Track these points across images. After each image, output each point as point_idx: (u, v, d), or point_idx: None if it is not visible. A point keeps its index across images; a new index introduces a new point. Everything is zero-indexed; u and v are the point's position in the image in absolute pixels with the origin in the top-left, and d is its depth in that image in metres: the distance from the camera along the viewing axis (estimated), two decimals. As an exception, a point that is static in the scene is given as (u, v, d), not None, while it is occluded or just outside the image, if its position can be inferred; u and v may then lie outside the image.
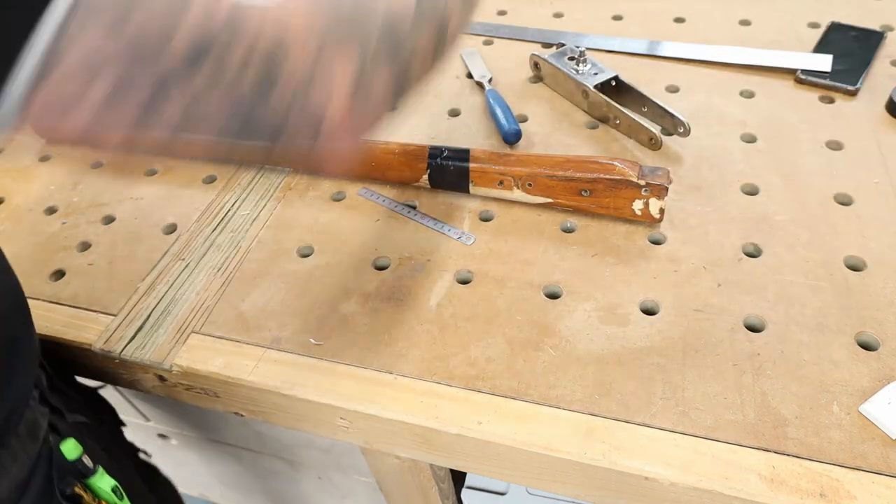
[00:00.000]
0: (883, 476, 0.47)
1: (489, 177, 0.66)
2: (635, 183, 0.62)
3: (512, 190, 0.66)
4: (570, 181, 0.63)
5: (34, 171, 0.83)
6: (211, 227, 0.72)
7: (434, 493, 0.76)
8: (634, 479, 0.49)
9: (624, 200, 0.63)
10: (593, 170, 0.63)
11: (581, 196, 0.64)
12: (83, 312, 0.65)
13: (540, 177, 0.64)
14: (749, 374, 0.53)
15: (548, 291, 0.61)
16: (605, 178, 0.62)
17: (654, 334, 0.57)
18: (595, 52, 0.89)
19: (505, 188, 0.66)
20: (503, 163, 0.66)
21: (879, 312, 0.56)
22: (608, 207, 0.64)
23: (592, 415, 0.52)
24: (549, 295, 0.61)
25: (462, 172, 0.67)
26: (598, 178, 0.63)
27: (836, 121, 0.75)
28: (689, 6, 0.95)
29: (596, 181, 0.63)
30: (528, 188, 0.65)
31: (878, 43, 0.83)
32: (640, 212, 0.63)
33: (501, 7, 1.00)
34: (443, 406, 0.54)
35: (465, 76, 0.88)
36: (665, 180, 0.61)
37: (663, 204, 0.63)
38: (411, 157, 0.69)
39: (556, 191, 0.65)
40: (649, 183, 0.61)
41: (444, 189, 0.70)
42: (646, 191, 0.62)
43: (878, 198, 0.66)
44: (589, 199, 0.64)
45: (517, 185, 0.66)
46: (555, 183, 0.64)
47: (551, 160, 0.65)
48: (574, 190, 0.64)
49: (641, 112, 0.76)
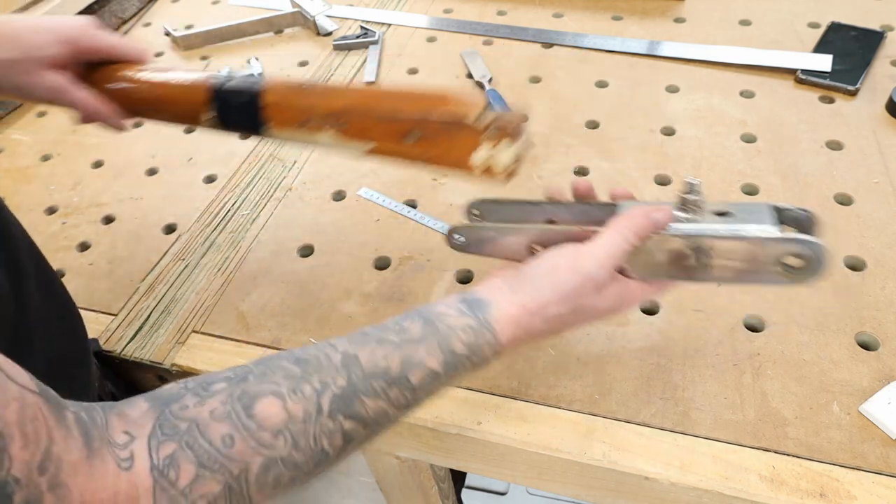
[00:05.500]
0: (883, 476, 0.47)
1: (290, 114, 0.52)
2: (473, 127, 0.46)
3: (321, 131, 0.51)
4: (392, 121, 0.48)
5: (34, 171, 0.83)
6: (211, 227, 0.72)
7: (434, 493, 0.76)
8: (634, 479, 0.49)
9: (461, 150, 0.47)
10: (422, 106, 0.48)
11: (407, 141, 0.49)
12: (83, 312, 0.65)
13: (354, 114, 0.49)
14: (749, 374, 0.53)
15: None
16: (436, 118, 0.47)
17: (654, 334, 0.57)
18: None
19: (312, 129, 0.51)
20: (308, 94, 0.51)
21: (879, 312, 0.56)
22: (442, 158, 0.49)
23: (592, 415, 0.52)
24: (549, 295, 0.61)
25: (252, 108, 0.52)
26: (427, 119, 0.47)
27: (836, 121, 0.75)
28: (689, 6, 0.95)
29: (425, 122, 0.47)
30: (342, 129, 0.50)
31: (878, 43, 0.83)
32: (481, 168, 0.48)
33: (501, 7, 1.00)
34: (443, 406, 0.54)
35: (465, 76, 0.88)
36: (514, 124, 0.47)
37: (509, 159, 0.47)
38: (188, 90, 0.54)
39: (376, 133, 0.49)
40: (492, 125, 0.46)
41: (234, 129, 0.56)
42: (488, 139, 0.46)
43: (878, 198, 0.66)
44: (416, 146, 0.49)
45: (327, 126, 0.51)
46: (373, 123, 0.49)
47: (368, 93, 0.51)
48: (399, 132, 0.48)
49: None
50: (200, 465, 0.33)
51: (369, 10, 1.04)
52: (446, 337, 0.41)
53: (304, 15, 1.01)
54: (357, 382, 0.38)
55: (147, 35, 1.07)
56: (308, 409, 0.36)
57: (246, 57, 0.98)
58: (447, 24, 0.99)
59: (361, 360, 0.38)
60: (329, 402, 0.37)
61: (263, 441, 0.35)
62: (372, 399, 0.38)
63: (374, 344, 0.39)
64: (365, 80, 0.89)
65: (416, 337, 0.40)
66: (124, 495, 0.31)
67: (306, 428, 0.36)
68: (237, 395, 0.35)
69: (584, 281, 0.42)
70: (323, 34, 1.00)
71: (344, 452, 0.38)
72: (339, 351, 0.39)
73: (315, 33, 1.01)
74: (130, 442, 0.32)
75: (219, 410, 0.34)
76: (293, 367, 0.37)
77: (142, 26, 1.09)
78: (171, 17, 1.10)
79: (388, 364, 0.39)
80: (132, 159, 0.83)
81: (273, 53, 0.98)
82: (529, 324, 0.43)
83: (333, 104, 0.50)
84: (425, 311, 0.42)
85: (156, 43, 1.04)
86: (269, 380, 0.36)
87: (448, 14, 1.01)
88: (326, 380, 0.37)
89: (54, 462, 0.29)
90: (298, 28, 1.03)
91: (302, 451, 0.36)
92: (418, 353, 0.40)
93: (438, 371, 0.40)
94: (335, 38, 0.98)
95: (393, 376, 0.39)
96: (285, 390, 0.36)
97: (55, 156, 0.85)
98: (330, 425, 0.37)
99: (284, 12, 1.02)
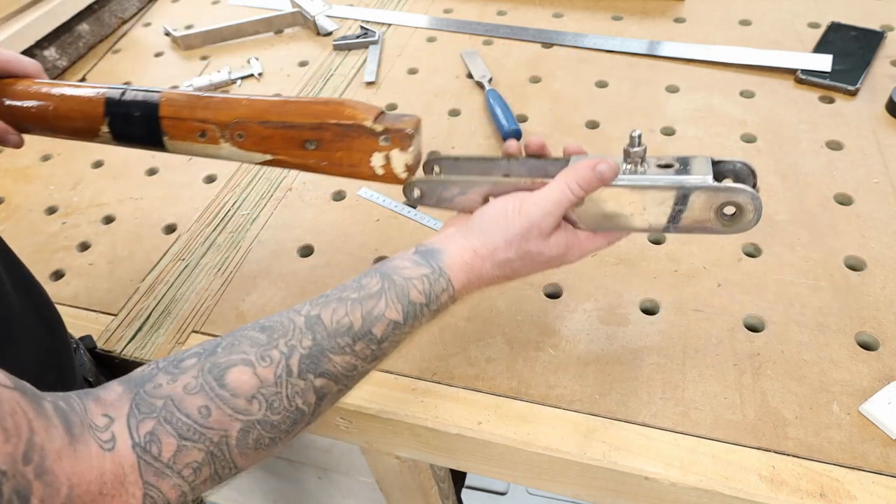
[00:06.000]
0: (883, 476, 0.47)
1: (186, 126, 0.52)
2: (370, 129, 0.48)
3: (219, 143, 0.52)
4: (290, 129, 0.50)
5: (34, 171, 0.83)
6: (211, 227, 0.72)
7: (434, 493, 0.76)
8: (634, 479, 0.49)
9: (360, 154, 0.49)
10: (317, 113, 0.49)
11: (306, 150, 0.50)
12: (83, 312, 0.65)
13: (251, 124, 0.50)
14: (749, 374, 0.53)
15: (548, 291, 0.61)
16: (332, 123, 0.49)
17: (653, 334, 0.57)
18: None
19: (209, 141, 0.52)
20: (205, 106, 0.51)
21: (879, 312, 0.56)
22: (342, 164, 0.50)
23: (592, 415, 0.52)
24: (549, 295, 0.61)
25: (150, 121, 0.52)
26: (323, 125, 0.49)
27: (835, 121, 0.75)
28: (689, 6, 0.95)
29: (322, 128, 0.49)
30: (239, 140, 0.51)
31: (878, 43, 0.83)
32: (382, 169, 0.50)
33: (501, 7, 1.00)
34: (443, 406, 0.54)
35: (465, 76, 0.88)
36: (410, 126, 0.48)
37: (408, 158, 0.49)
38: (83, 103, 0.54)
39: (274, 143, 0.51)
40: (388, 129, 0.48)
41: (132, 144, 0.55)
42: (385, 140, 0.48)
43: (878, 198, 0.66)
44: (316, 153, 0.50)
45: (224, 137, 0.51)
46: (271, 132, 0.50)
47: (265, 103, 0.51)
48: (296, 142, 0.50)
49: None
50: (181, 437, 0.34)
51: (369, 10, 1.04)
52: (403, 288, 0.43)
53: (304, 15, 1.01)
54: (322, 341, 0.40)
55: (147, 35, 1.07)
56: (278, 372, 0.38)
57: (246, 57, 0.98)
58: (447, 24, 0.99)
59: (324, 319, 0.40)
60: (298, 363, 0.38)
61: (239, 408, 0.36)
62: (339, 355, 0.40)
63: (336, 303, 0.41)
64: (365, 80, 0.89)
65: (375, 291, 0.42)
66: (110, 474, 0.32)
67: (279, 390, 0.38)
68: (208, 368, 0.37)
69: (529, 226, 0.45)
70: (323, 34, 1.00)
71: (319, 408, 0.40)
72: (301, 314, 0.41)
73: (315, 33, 1.01)
74: (110, 424, 0.33)
75: (192, 384, 0.36)
76: (259, 335, 0.39)
77: (142, 26, 1.09)
78: (171, 17, 1.10)
79: (351, 320, 0.41)
80: (132, 159, 0.83)
81: (273, 53, 0.98)
82: (481, 268, 0.45)
83: (229, 115, 0.51)
84: (382, 267, 0.44)
85: (156, 43, 1.04)
86: (237, 350, 0.38)
87: (448, 14, 1.01)
88: (293, 342, 0.39)
89: (38, 451, 0.29)
90: (298, 28, 1.03)
91: (277, 413, 0.38)
92: (378, 307, 0.41)
93: (399, 321, 0.42)
94: (335, 38, 0.98)
95: (356, 332, 0.41)
96: (254, 357, 0.38)
97: (55, 156, 0.85)
98: (301, 385, 0.39)
99: (284, 12, 1.02)
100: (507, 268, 0.46)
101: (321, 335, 0.40)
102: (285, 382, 0.38)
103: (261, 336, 0.39)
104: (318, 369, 0.39)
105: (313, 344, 0.39)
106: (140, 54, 1.02)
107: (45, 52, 0.97)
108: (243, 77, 0.94)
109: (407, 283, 0.43)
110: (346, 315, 0.41)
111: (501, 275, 0.46)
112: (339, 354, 0.40)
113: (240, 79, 0.94)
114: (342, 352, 0.40)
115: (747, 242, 0.63)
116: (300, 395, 0.39)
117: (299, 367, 0.38)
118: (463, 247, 0.45)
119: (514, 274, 0.47)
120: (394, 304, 0.42)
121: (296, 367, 0.38)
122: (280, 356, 0.38)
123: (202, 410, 0.35)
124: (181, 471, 0.34)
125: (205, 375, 0.36)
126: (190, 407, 0.35)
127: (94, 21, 1.04)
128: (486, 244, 0.45)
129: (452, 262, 0.45)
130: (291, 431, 0.39)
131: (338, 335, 0.40)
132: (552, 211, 0.45)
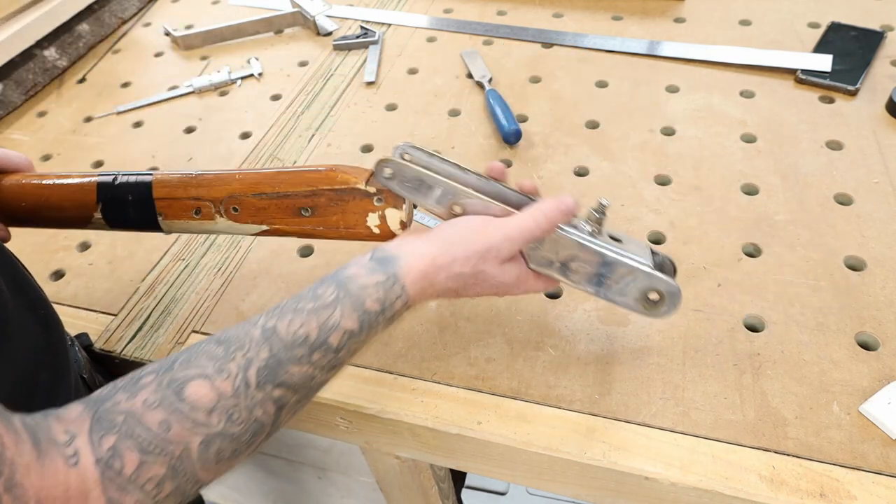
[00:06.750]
0: (883, 476, 0.47)
1: (181, 205, 0.53)
2: (364, 191, 0.50)
3: (215, 219, 0.53)
4: (284, 198, 0.51)
5: (34, 171, 0.83)
6: (211, 227, 0.72)
7: (434, 493, 0.76)
8: (634, 479, 0.49)
9: (355, 216, 0.51)
10: (310, 180, 0.51)
11: (302, 216, 0.52)
12: (83, 312, 0.65)
13: (246, 198, 0.52)
14: (749, 374, 0.53)
15: (548, 291, 0.61)
16: (326, 189, 0.50)
17: (653, 334, 0.57)
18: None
19: (205, 218, 0.53)
20: (197, 184, 0.52)
21: (879, 312, 0.56)
22: (338, 228, 0.52)
23: (592, 415, 0.52)
24: (549, 295, 0.61)
25: (144, 204, 0.53)
26: (317, 191, 0.50)
27: (835, 121, 0.75)
28: (689, 6, 0.95)
29: (316, 195, 0.51)
30: (235, 214, 0.52)
31: (878, 43, 0.83)
32: (378, 228, 0.52)
33: (501, 7, 1.00)
34: (443, 406, 0.54)
35: (465, 76, 0.88)
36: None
37: (403, 215, 0.51)
38: (75, 191, 0.54)
39: (269, 213, 0.52)
40: (381, 189, 0.50)
41: (128, 228, 0.56)
42: (379, 200, 0.50)
43: (878, 198, 0.66)
44: (313, 219, 0.52)
45: (220, 212, 0.52)
46: (266, 203, 0.51)
47: (257, 175, 0.52)
48: (291, 210, 0.52)
49: None
50: (143, 452, 0.35)
51: (369, 10, 1.04)
52: (359, 297, 0.43)
53: (304, 15, 1.01)
54: (279, 353, 0.40)
55: (147, 35, 1.07)
56: (236, 384, 0.38)
57: (246, 57, 0.98)
58: (447, 24, 0.99)
59: (280, 331, 0.41)
60: (256, 375, 0.39)
61: (198, 420, 0.37)
62: (296, 366, 0.40)
63: (291, 314, 0.42)
64: (365, 80, 0.89)
65: (330, 301, 0.42)
66: (75, 490, 0.33)
67: (237, 402, 0.38)
68: (166, 383, 0.37)
69: (489, 247, 0.46)
70: (323, 34, 1.00)
71: (279, 419, 0.41)
72: (258, 326, 0.41)
73: (315, 33, 1.01)
74: (72, 440, 0.34)
75: (151, 399, 0.36)
76: (216, 348, 0.39)
77: (142, 26, 1.09)
78: (171, 17, 1.10)
79: (307, 331, 0.41)
80: (132, 159, 0.83)
81: (273, 53, 0.98)
82: (436, 277, 0.46)
83: (223, 191, 0.52)
84: (337, 275, 0.44)
85: (156, 43, 1.04)
86: (194, 364, 0.38)
87: (448, 14, 1.01)
88: (250, 355, 0.39)
89: (8, 465, 0.30)
90: (298, 28, 1.03)
91: (237, 424, 0.38)
92: (334, 317, 0.42)
93: (355, 330, 0.43)
94: (335, 38, 0.98)
95: (313, 342, 0.41)
96: (211, 371, 0.38)
97: (55, 156, 0.85)
98: (260, 396, 0.39)
99: (284, 12, 1.02)
100: (460, 282, 0.47)
101: (278, 347, 0.40)
102: (244, 394, 0.38)
103: (217, 349, 0.39)
104: (275, 380, 0.39)
105: (270, 355, 0.40)
106: (140, 54, 1.02)
107: (45, 52, 0.97)
108: (243, 77, 0.94)
109: (362, 291, 0.43)
110: (301, 326, 0.41)
111: (452, 288, 0.47)
112: (296, 365, 0.40)
113: (240, 79, 0.94)
114: (299, 362, 0.40)
115: (747, 242, 0.63)
116: (259, 407, 0.39)
117: (257, 378, 0.39)
118: (422, 254, 0.45)
119: (462, 290, 0.48)
120: (349, 314, 0.42)
121: (254, 378, 0.39)
122: (238, 369, 0.39)
123: (162, 424, 0.36)
124: (144, 485, 0.35)
125: (163, 390, 0.37)
126: (150, 421, 0.35)
127: (94, 21, 1.04)
128: (447, 253, 0.45)
129: (408, 269, 0.45)
130: (252, 443, 0.39)
131: (294, 346, 0.40)
132: (516, 238, 0.46)
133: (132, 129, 0.88)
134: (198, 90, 0.93)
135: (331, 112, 0.85)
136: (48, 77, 0.97)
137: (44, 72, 0.97)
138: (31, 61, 0.95)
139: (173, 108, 0.91)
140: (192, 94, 0.93)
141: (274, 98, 0.90)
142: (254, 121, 0.86)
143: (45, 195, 0.55)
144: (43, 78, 0.96)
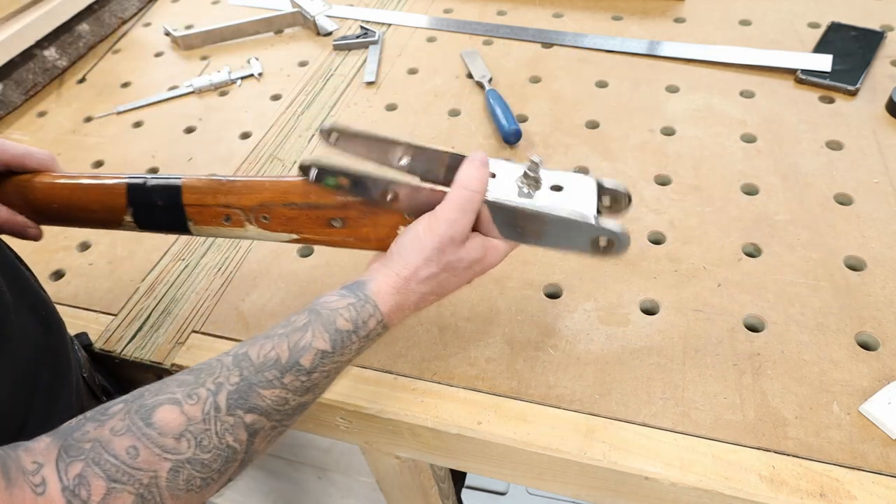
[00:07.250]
0: (883, 476, 0.47)
1: (211, 212, 0.52)
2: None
3: (245, 227, 0.52)
4: (315, 209, 0.50)
5: (34, 171, 0.83)
6: (211, 227, 0.72)
7: (434, 493, 0.76)
8: (634, 479, 0.49)
9: (386, 229, 0.50)
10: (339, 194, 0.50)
11: (332, 227, 0.51)
12: (83, 312, 0.65)
13: (276, 207, 0.51)
14: (749, 374, 0.53)
15: (548, 291, 0.61)
16: (357, 201, 0.49)
17: (654, 334, 0.57)
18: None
19: (235, 224, 0.52)
20: (227, 191, 0.51)
21: (879, 312, 0.56)
22: (369, 240, 0.51)
23: (592, 415, 0.52)
24: (549, 295, 0.61)
25: (174, 209, 0.52)
26: (348, 203, 0.50)
27: (835, 121, 0.75)
28: (689, 6, 0.95)
29: (346, 207, 0.50)
30: (264, 222, 0.52)
31: (878, 43, 0.83)
32: None
33: (501, 7, 1.00)
34: (443, 406, 0.54)
35: (465, 76, 0.88)
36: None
37: None
38: (105, 193, 0.54)
39: (299, 223, 0.52)
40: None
41: (157, 231, 0.56)
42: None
43: (878, 198, 0.66)
44: (343, 230, 0.51)
45: (249, 220, 0.52)
46: (296, 213, 0.51)
47: (288, 184, 0.51)
48: (321, 220, 0.51)
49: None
50: (110, 480, 0.34)
51: (369, 10, 1.04)
52: (329, 318, 0.43)
53: (304, 15, 1.01)
54: (250, 377, 0.40)
55: (147, 35, 1.07)
56: (206, 409, 0.38)
57: (246, 57, 0.98)
58: (447, 24, 0.99)
59: (251, 355, 0.41)
60: (226, 400, 0.39)
61: (167, 447, 0.36)
62: (267, 389, 0.40)
63: (263, 340, 0.42)
64: (365, 81, 0.89)
65: (301, 325, 0.43)
66: None
67: (207, 427, 0.38)
68: (134, 410, 0.37)
69: (441, 239, 0.46)
70: (323, 34, 1.00)
71: (253, 446, 0.40)
72: (230, 354, 0.41)
73: (315, 33, 1.01)
74: (40, 468, 0.34)
75: (118, 426, 0.36)
76: (187, 376, 0.39)
77: (142, 26, 1.09)
78: (171, 17, 1.10)
79: (278, 353, 0.41)
80: (132, 159, 0.83)
81: (273, 53, 0.98)
82: (407, 289, 0.46)
83: (253, 199, 0.51)
84: (311, 304, 0.45)
85: (156, 43, 1.04)
86: (164, 391, 0.38)
87: (448, 14, 1.01)
88: (220, 380, 0.39)
89: None
90: (298, 28, 1.03)
91: (207, 451, 0.37)
92: (305, 338, 0.42)
93: (328, 350, 0.43)
94: (335, 38, 0.98)
95: (284, 364, 0.41)
96: (181, 396, 0.38)
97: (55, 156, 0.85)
98: (230, 421, 0.39)
99: (284, 12, 1.02)
100: (434, 282, 0.47)
101: (248, 371, 0.40)
102: (213, 419, 0.38)
103: (188, 377, 0.39)
104: (246, 404, 0.39)
105: (241, 380, 0.39)
106: (140, 54, 1.02)
107: (45, 51, 0.97)
108: (243, 77, 0.94)
109: (333, 313, 0.44)
110: (272, 349, 0.41)
111: (430, 291, 0.48)
112: (267, 388, 0.40)
113: (240, 79, 0.94)
114: (270, 385, 0.40)
115: (747, 242, 0.63)
116: (230, 432, 0.38)
117: (227, 403, 0.39)
118: (387, 275, 0.46)
119: (442, 288, 0.48)
120: (321, 334, 0.43)
121: (224, 403, 0.38)
122: (207, 393, 0.38)
123: (130, 451, 0.35)
124: None
125: (132, 417, 0.36)
126: (118, 448, 0.35)
127: (94, 21, 1.04)
128: (407, 265, 0.46)
129: (378, 288, 0.46)
130: (224, 471, 0.39)
131: (265, 369, 0.40)
132: (458, 217, 0.46)
133: (132, 129, 0.88)
134: (198, 90, 0.93)
135: (331, 112, 0.85)
136: (48, 77, 0.97)
137: (44, 72, 0.97)
138: (31, 61, 0.95)
139: (173, 108, 0.91)
140: (192, 94, 0.93)
141: (274, 98, 0.90)
142: (254, 121, 0.86)
143: (75, 197, 0.55)
144: (43, 78, 0.97)
